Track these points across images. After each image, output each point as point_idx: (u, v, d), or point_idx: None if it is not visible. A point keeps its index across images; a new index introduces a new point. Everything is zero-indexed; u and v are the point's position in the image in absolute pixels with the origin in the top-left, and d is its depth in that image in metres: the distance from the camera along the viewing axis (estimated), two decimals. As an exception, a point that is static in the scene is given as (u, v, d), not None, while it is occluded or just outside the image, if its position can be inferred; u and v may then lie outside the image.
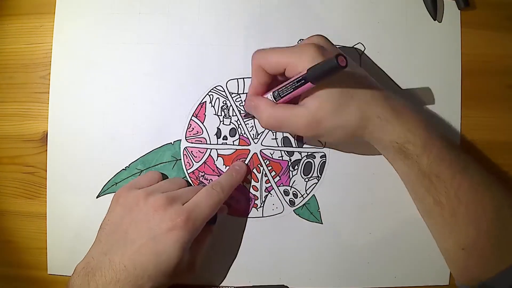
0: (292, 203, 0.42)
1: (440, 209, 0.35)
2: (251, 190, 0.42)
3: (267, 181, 0.42)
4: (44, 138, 0.43)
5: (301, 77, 0.33)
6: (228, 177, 0.39)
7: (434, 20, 0.42)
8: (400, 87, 0.43)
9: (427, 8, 0.42)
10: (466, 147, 0.43)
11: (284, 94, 0.35)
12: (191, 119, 0.42)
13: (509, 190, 0.36)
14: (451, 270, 0.39)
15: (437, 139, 0.35)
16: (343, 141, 0.36)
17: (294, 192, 0.42)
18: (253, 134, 0.42)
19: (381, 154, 0.39)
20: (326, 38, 0.37)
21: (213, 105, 0.42)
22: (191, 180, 0.42)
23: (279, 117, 0.35)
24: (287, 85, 0.34)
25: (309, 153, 0.42)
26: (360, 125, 0.35)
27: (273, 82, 0.37)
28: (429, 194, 0.35)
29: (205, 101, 0.42)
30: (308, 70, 0.32)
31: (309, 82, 0.32)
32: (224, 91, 0.42)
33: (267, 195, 0.42)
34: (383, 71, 0.43)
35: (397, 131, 0.34)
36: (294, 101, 0.36)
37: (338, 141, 0.36)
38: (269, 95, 0.37)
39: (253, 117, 0.42)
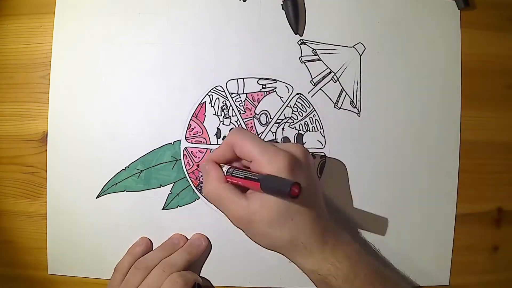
0: (292, 203, 0.42)
1: None
2: (251, 190, 0.42)
3: (267, 181, 0.42)
4: (44, 138, 0.43)
5: (254, 182, 0.32)
6: (183, 255, 0.40)
7: (296, 34, 0.42)
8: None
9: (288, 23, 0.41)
10: (466, 147, 0.43)
11: (237, 178, 0.34)
12: (191, 119, 0.42)
13: None
14: None
15: (363, 269, 0.34)
16: (263, 247, 0.36)
17: (294, 192, 0.42)
18: (253, 134, 0.42)
19: (381, 154, 0.39)
20: (306, 151, 0.35)
21: (213, 105, 0.42)
22: (191, 180, 0.42)
23: (220, 195, 0.35)
24: (243, 173, 0.34)
25: (309, 153, 0.42)
26: (285, 247, 0.34)
27: (237, 159, 0.37)
28: None
29: (205, 101, 0.42)
30: (263, 178, 0.31)
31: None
32: (224, 91, 0.42)
33: (267, 195, 0.42)
34: (383, 71, 0.43)
35: (320, 264, 0.34)
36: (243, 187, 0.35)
37: (260, 245, 0.35)
38: (225, 167, 0.36)
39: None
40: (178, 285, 0.36)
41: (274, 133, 0.42)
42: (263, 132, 0.42)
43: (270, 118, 0.43)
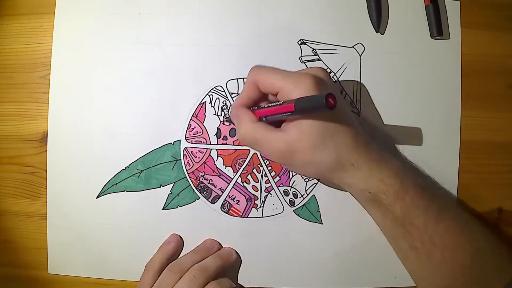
0: (292, 203, 0.42)
1: (415, 253, 0.35)
2: (251, 190, 0.42)
3: (267, 181, 0.42)
4: (44, 138, 0.43)
5: (288, 105, 0.32)
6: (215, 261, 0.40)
7: (377, 32, 0.42)
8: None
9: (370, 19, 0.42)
10: (466, 147, 0.43)
11: (268, 109, 0.34)
12: (191, 119, 0.42)
13: (489, 233, 0.36)
14: None
15: (411, 185, 0.34)
16: (310, 177, 0.35)
17: (294, 192, 0.42)
18: (253, 134, 0.42)
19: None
20: (327, 72, 0.36)
21: (213, 105, 0.42)
22: (191, 180, 0.42)
23: (256, 134, 0.34)
24: (273, 107, 0.34)
25: (309, 153, 0.42)
26: (332, 168, 0.34)
27: (262, 98, 0.37)
28: (404, 240, 0.35)
29: (205, 101, 0.42)
30: (296, 100, 0.31)
31: (294, 115, 0.32)
32: (224, 91, 0.42)
33: (267, 195, 0.42)
34: (383, 72, 0.43)
35: (369, 180, 0.34)
36: (277, 122, 0.35)
37: (305, 175, 0.35)
38: (253, 108, 0.36)
39: (231, 123, 0.41)
40: None
41: (274, 133, 0.42)
42: (263, 132, 0.42)
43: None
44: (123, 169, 0.42)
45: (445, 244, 0.34)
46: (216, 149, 0.42)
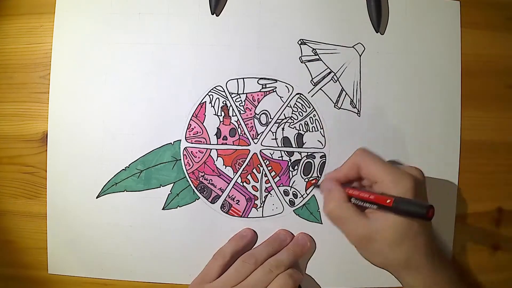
0: (292, 203, 0.42)
1: None
2: (251, 190, 0.42)
3: (267, 181, 0.42)
4: (44, 138, 0.43)
5: (386, 198, 0.33)
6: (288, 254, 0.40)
7: (377, 32, 0.42)
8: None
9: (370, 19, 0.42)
10: (466, 147, 0.43)
11: (362, 199, 0.35)
12: (191, 119, 0.42)
13: None
14: None
15: None
16: (372, 263, 0.37)
17: (294, 192, 0.42)
18: (253, 135, 0.42)
19: (381, 154, 0.39)
20: (423, 175, 0.36)
21: (213, 105, 0.42)
22: (191, 180, 0.42)
23: (343, 214, 0.35)
24: (371, 195, 0.34)
25: (309, 153, 0.42)
26: (400, 266, 0.35)
27: (357, 179, 0.38)
28: None
29: (205, 101, 0.42)
30: (396, 199, 0.32)
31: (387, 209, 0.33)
32: (224, 91, 0.42)
33: (267, 195, 0.42)
34: (383, 72, 0.43)
35: (425, 283, 0.35)
36: (361, 207, 0.36)
37: (370, 261, 0.36)
38: (346, 188, 0.37)
39: (318, 188, 0.41)
40: (289, 286, 0.37)
41: (274, 133, 0.42)
42: (263, 132, 0.42)
43: (270, 118, 0.43)
44: (123, 169, 0.42)
45: None
46: (216, 149, 0.42)
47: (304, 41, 0.43)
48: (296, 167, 0.42)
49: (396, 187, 0.34)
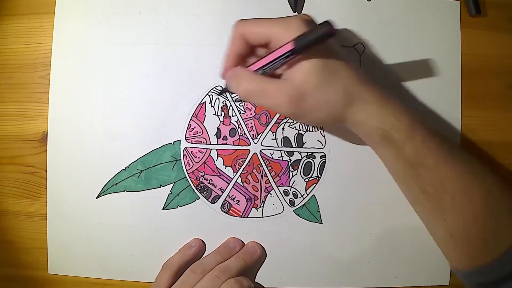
0: (292, 203, 0.42)
1: (426, 197, 0.34)
2: (251, 190, 0.42)
3: (267, 181, 0.42)
4: (44, 138, 0.43)
5: (286, 45, 0.31)
6: (238, 262, 0.40)
7: (294, 12, 0.40)
8: (401, 86, 0.43)
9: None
10: (466, 147, 0.43)
11: (268, 57, 0.32)
12: (191, 119, 0.42)
13: (498, 178, 0.36)
14: (445, 257, 0.39)
15: (421, 126, 0.34)
16: (324, 124, 0.34)
17: (294, 192, 0.42)
18: (253, 134, 0.42)
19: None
20: (310, 16, 0.35)
21: (213, 105, 0.42)
22: (191, 180, 0.42)
23: (261, 86, 0.33)
24: (270, 54, 0.32)
25: (309, 153, 0.42)
26: (345, 103, 0.33)
27: (250, 54, 0.36)
28: (415, 183, 0.35)
29: (205, 101, 0.42)
30: (297, 38, 0.30)
31: (294, 54, 0.31)
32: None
33: (267, 195, 0.42)
34: (383, 71, 0.43)
35: (382, 115, 0.33)
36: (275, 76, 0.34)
37: (319, 123, 0.34)
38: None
39: (228, 92, 0.40)
40: None
41: (274, 133, 0.42)
42: (263, 132, 0.42)
43: (270, 118, 0.43)
44: (123, 169, 0.42)
45: (456, 188, 0.33)
46: (216, 149, 0.42)
47: (304, 41, 0.43)
48: (296, 167, 0.42)
49: (289, 32, 0.31)
